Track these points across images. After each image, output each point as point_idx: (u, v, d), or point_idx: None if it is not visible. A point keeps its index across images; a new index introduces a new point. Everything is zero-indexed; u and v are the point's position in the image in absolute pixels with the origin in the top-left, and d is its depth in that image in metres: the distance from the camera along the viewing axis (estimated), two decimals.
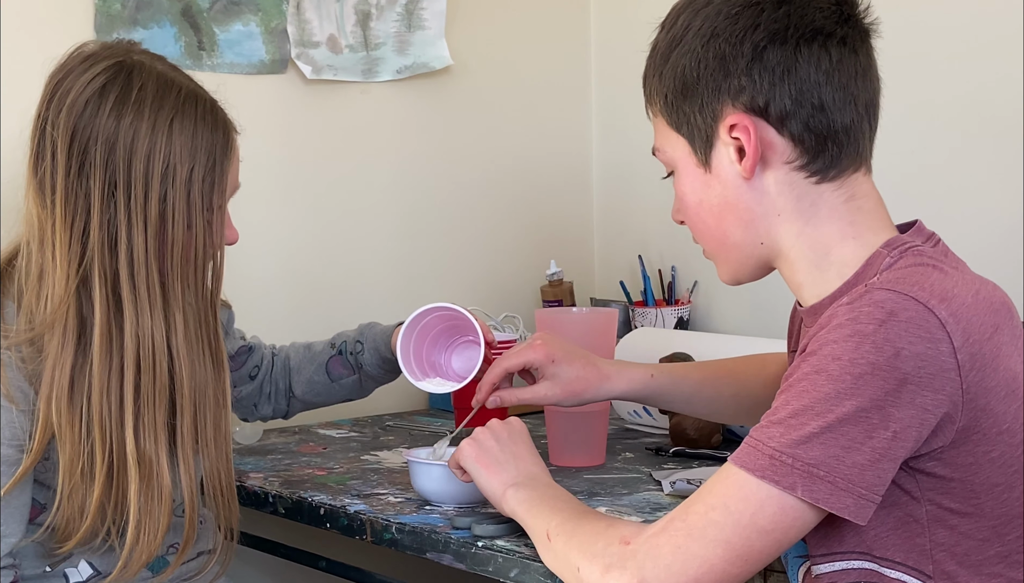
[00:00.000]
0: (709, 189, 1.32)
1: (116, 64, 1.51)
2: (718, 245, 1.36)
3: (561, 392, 1.61)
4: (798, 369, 1.20)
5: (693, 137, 1.31)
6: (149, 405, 1.51)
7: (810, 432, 1.16)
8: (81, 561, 1.57)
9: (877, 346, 1.15)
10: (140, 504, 1.51)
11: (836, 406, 1.15)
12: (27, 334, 1.48)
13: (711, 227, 1.34)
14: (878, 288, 1.18)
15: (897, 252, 1.26)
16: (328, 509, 1.68)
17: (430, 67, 2.40)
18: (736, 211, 1.31)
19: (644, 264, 2.49)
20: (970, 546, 1.21)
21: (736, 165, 1.29)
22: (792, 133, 1.27)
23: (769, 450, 1.17)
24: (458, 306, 1.72)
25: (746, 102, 1.27)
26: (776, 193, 1.29)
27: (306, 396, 1.92)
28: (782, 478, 1.16)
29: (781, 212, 1.29)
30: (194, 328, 1.56)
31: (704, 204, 1.33)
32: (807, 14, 1.26)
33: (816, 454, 1.16)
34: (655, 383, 1.65)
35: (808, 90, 1.26)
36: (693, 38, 1.29)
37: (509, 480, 1.46)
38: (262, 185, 2.20)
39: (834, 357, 1.16)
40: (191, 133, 1.51)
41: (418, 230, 2.45)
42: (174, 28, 2.12)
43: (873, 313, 1.16)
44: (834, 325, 1.18)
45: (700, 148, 1.31)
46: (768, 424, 1.19)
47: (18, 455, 1.48)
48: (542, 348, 1.61)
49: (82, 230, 1.49)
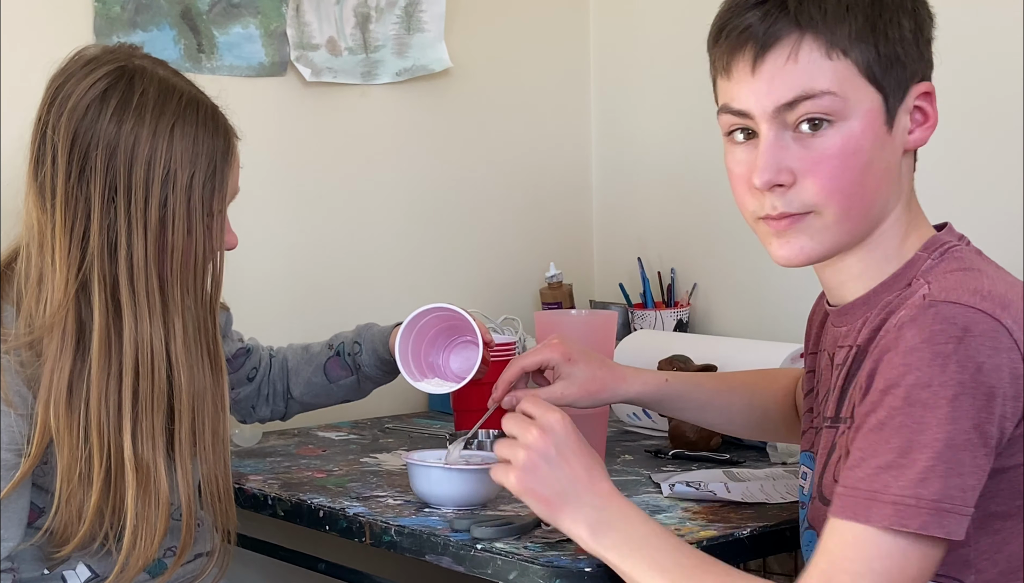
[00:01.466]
0: (884, 150, 1.26)
1: (117, 69, 1.51)
2: (864, 210, 1.26)
3: (577, 392, 1.59)
4: (880, 405, 1.16)
5: (893, 91, 1.26)
6: (147, 410, 1.51)
7: (924, 467, 1.13)
8: (79, 564, 1.57)
9: (961, 364, 1.14)
10: (137, 509, 1.51)
11: (939, 434, 1.13)
12: (26, 338, 1.48)
13: (869, 190, 1.26)
14: (942, 302, 1.17)
15: (937, 254, 1.27)
16: (327, 511, 1.68)
17: (429, 69, 2.40)
18: (891, 179, 1.28)
19: (643, 266, 2.49)
20: (1012, 551, 1.21)
21: (906, 134, 1.28)
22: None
23: (890, 498, 1.14)
24: (456, 307, 1.72)
25: (929, 76, 1.29)
26: (907, 169, 1.31)
27: (304, 397, 1.92)
28: (912, 522, 1.13)
29: (901, 194, 1.30)
30: (193, 334, 1.56)
31: (875, 164, 1.25)
32: None
33: (936, 488, 1.13)
34: (669, 388, 1.64)
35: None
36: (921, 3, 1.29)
37: (582, 518, 1.31)
38: (261, 187, 2.20)
39: (923, 385, 1.14)
40: (192, 139, 1.51)
41: (417, 232, 2.45)
42: (173, 31, 2.12)
43: (948, 331, 1.15)
44: (906, 349, 1.16)
45: (894, 104, 1.26)
46: (875, 471, 1.15)
47: (16, 459, 1.48)
48: (559, 347, 1.60)
49: (82, 235, 1.49)
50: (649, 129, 2.58)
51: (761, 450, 1.92)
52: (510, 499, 1.67)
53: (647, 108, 2.57)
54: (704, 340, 2.21)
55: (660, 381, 1.64)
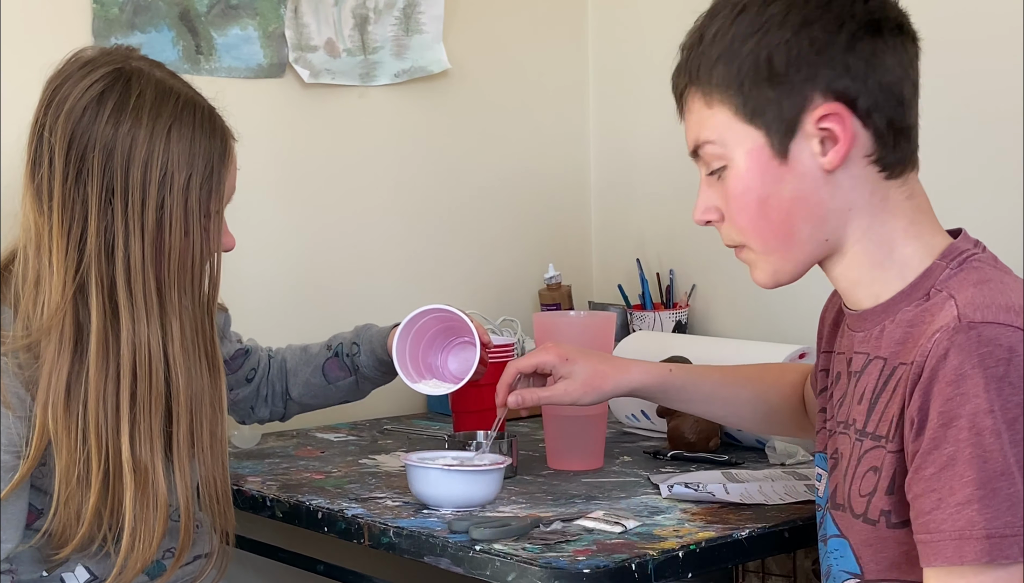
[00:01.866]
0: (781, 183, 1.27)
1: (115, 71, 1.51)
2: (779, 242, 1.30)
3: (580, 388, 1.60)
4: (944, 440, 1.15)
5: (771, 126, 1.26)
6: (145, 412, 1.51)
7: (1006, 495, 1.13)
8: (78, 566, 1.57)
9: (1015, 385, 1.14)
10: (136, 511, 1.51)
11: (1012, 458, 1.13)
12: (24, 340, 1.48)
13: (775, 223, 1.29)
14: (980, 323, 1.16)
15: (956, 263, 1.26)
16: (326, 513, 1.68)
17: (428, 71, 2.40)
18: (808, 205, 1.28)
19: (642, 268, 2.49)
20: None
21: (818, 158, 1.26)
22: (876, 126, 1.26)
23: (980, 533, 1.13)
24: (454, 308, 1.72)
25: (837, 91, 1.24)
26: (850, 187, 1.27)
27: (303, 398, 1.92)
28: (1009, 551, 1.13)
29: (853, 207, 1.28)
30: (191, 335, 1.56)
31: (772, 199, 1.28)
32: (890, 9, 1.27)
33: (1023, 512, 1.13)
34: (673, 378, 1.63)
35: (893, 84, 1.25)
36: (780, 25, 1.25)
37: None
38: (260, 188, 2.20)
39: (984, 412, 1.14)
40: (189, 140, 1.51)
41: (416, 233, 2.45)
42: (172, 32, 2.12)
43: (995, 353, 1.15)
44: (957, 378, 1.15)
45: (778, 138, 1.26)
46: (957, 509, 1.14)
47: (15, 461, 1.48)
48: (554, 349, 1.62)
49: (79, 237, 1.49)
50: (648, 130, 2.57)
51: (760, 451, 1.92)
52: (509, 500, 1.67)
53: (646, 109, 2.57)
54: (703, 341, 2.21)
55: (663, 371, 1.63)
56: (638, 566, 1.42)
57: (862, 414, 1.30)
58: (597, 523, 1.54)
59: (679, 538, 1.49)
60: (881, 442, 1.25)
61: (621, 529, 1.52)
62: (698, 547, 1.47)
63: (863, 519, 1.27)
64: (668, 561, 1.44)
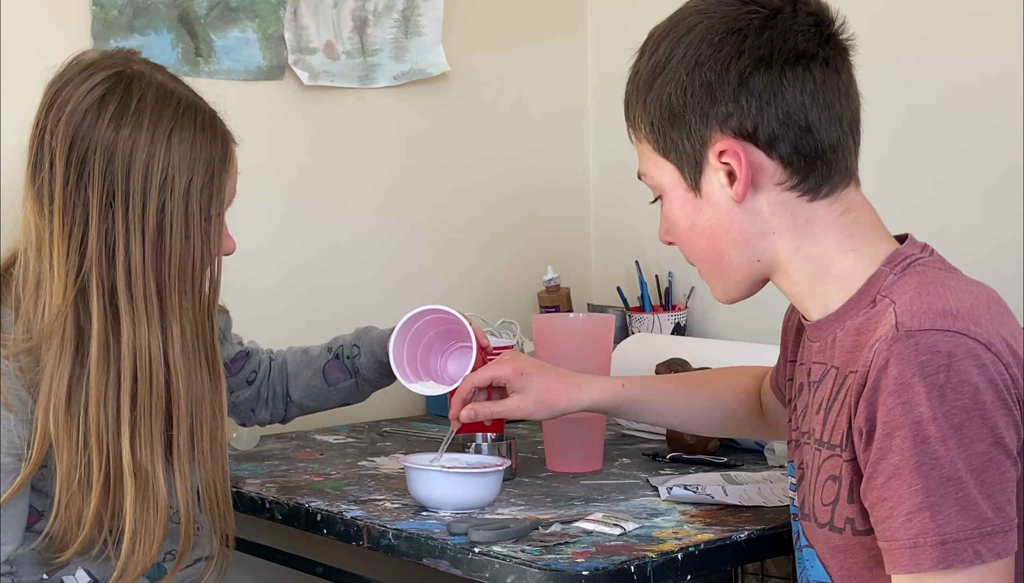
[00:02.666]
0: (701, 213, 1.32)
1: (116, 74, 1.51)
2: (713, 266, 1.35)
3: (532, 403, 1.62)
4: (890, 450, 1.16)
5: (682, 163, 1.31)
6: (145, 416, 1.51)
7: (955, 500, 1.14)
8: (79, 569, 1.56)
9: (957, 389, 1.14)
10: (136, 515, 1.50)
11: (959, 464, 1.14)
12: (25, 344, 1.48)
13: (705, 249, 1.34)
14: (918, 331, 1.17)
15: (900, 268, 1.26)
16: (325, 515, 1.68)
17: (427, 73, 2.40)
18: (730, 233, 1.31)
19: (641, 270, 2.49)
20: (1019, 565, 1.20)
21: (727, 189, 1.29)
22: (781, 155, 1.27)
23: (934, 539, 1.14)
24: (452, 309, 1.72)
25: (734, 127, 1.27)
26: (770, 213, 1.29)
27: (304, 400, 1.92)
28: (963, 555, 1.13)
29: (776, 231, 1.30)
30: (191, 339, 1.56)
31: (696, 227, 1.33)
32: (789, 38, 1.27)
33: (974, 515, 1.14)
34: (626, 392, 1.64)
35: (795, 113, 1.26)
36: (677, 65, 1.28)
37: None
38: (259, 191, 2.20)
39: (928, 420, 1.14)
40: (190, 144, 1.51)
41: (415, 235, 2.45)
42: (171, 35, 2.12)
43: (934, 360, 1.15)
44: (898, 387, 1.15)
45: (689, 174, 1.31)
46: (908, 517, 1.15)
47: (16, 464, 1.48)
48: (510, 363, 1.63)
49: (80, 240, 1.49)
50: None
51: (758, 453, 1.92)
52: (508, 502, 1.67)
53: None
54: (702, 343, 2.21)
55: (616, 387, 1.64)
56: (637, 568, 1.42)
57: (820, 424, 1.31)
58: (596, 525, 1.54)
59: (678, 540, 1.49)
60: (836, 451, 1.26)
61: (620, 531, 1.52)
62: (697, 549, 1.48)
63: (829, 527, 1.28)
64: (667, 563, 1.45)
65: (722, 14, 1.28)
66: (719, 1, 1.29)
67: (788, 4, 1.28)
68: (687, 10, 1.31)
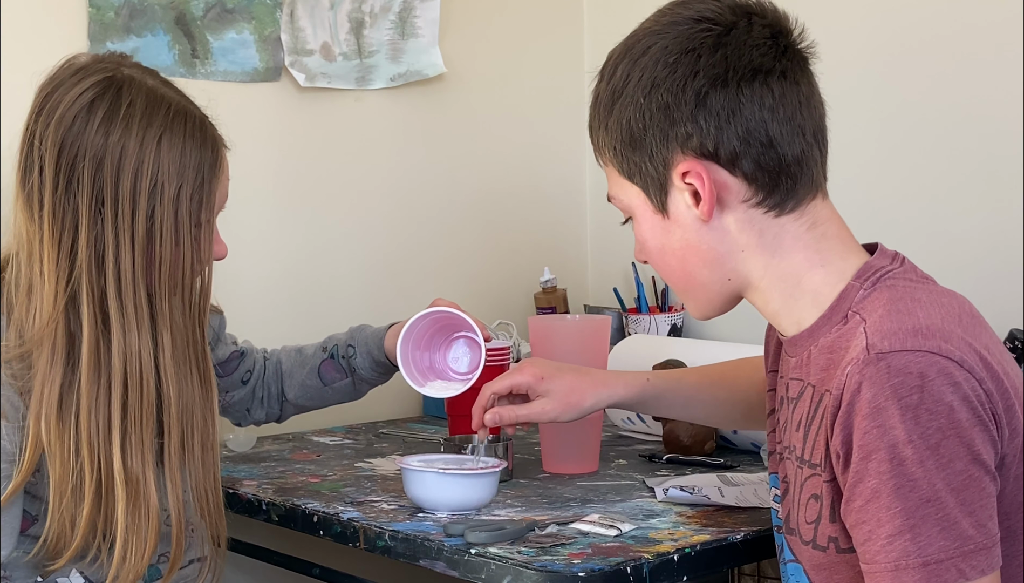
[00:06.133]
0: (669, 234, 1.31)
1: (106, 78, 1.50)
2: (686, 285, 1.35)
3: (559, 405, 1.59)
4: (867, 473, 1.15)
5: (647, 185, 1.30)
6: (136, 424, 1.50)
7: (935, 520, 1.13)
8: (73, 571, 1.56)
9: (931, 410, 1.14)
10: (127, 523, 1.50)
11: (937, 484, 1.13)
12: (17, 350, 1.48)
13: (676, 270, 1.34)
14: (888, 352, 1.16)
15: (870, 283, 1.25)
16: (321, 516, 1.68)
17: (423, 74, 2.40)
18: (699, 252, 1.30)
19: (638, 271, 2.49)
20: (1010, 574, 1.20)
21: (693, 209, 1.28)
22: (744, 172, 1.26)
23: (915, 562, 1.13)
24: (451, 309, 1.73)
25: (695, 148, 1.26)
26: (738, 231, 1.29)
27: (299, 400, 1.92)
28: (947, 575, 1.13)
29: (745, 248, 1.29)
30: (181, 346, 1.55)
31: (666, 248, 1.32)
32: (744, 54, 1.25)
33: (955, 535, 1.13)
34: (652, 387, 1.63)
35: (755, 129, 1.25)
36: (634, 89, 1.28)
37: None
38: (255, 192, 2.20)
39: (903, 442, 1.14)
40: (180, 150, 1.50)
41: (412, 236, 2.45)
42: (168, 36, 2.12)
43: (906, 382, 1.14)
44: (872, 410, 1.15)
45: (655, 195, 1.30)
46: (887, 541, 1.14)
47: (10, 470, 1.48)
48: (528, 368, 1.61)
49: (70, 247, 1.47)
50: None
51: (755, 455, 1.92)
52: (504, 504, 1.67)
53: None
54: (698, 345, 2.21)
55: (642, 381, 1.63)
56: (633, 569, 1.42)
57: (800, 441, 1.30)
58: (592, 526, 1.54)
59: (674, 541, 1.49)
60: (817, 470, 1.26)
61: (616, 532, 1.52)
62: (693, 550, 1.48)
63: (812, 545, 1.28)
64: (663, 564, 1.45)
65: (675, 34, 1.27)
66: (673, 21, 1.28)
67: (742, 19, 1.27)
68: (642, 32, 1.31)
